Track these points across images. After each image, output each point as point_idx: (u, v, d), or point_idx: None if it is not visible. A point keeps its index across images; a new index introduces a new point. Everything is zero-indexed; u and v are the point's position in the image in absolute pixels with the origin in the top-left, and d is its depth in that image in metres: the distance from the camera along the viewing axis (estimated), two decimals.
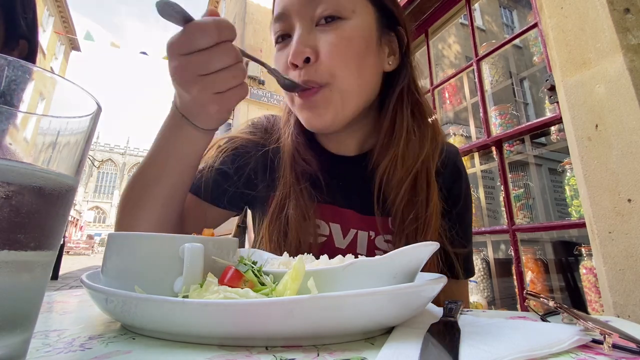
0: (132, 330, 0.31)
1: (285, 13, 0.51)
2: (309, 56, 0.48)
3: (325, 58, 0.48)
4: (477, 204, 2.13)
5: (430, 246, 0.33)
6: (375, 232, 0.56)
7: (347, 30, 0.49)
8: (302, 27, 0.49)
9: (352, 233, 0.56)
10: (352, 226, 0.56)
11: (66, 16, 14.76)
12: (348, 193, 0.58)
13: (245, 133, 0.65)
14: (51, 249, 0.22)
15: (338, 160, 0.61)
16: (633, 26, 1.03)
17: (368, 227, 0.56)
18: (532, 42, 1.83)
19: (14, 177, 0.20)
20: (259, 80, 8.73)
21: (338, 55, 0.48)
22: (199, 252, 0.33)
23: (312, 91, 0.49)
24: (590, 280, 1.39)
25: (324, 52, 0.48)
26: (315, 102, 0.49)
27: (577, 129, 1.13)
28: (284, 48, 0.52)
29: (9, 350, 0.20)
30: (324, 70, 0.48)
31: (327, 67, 0.48)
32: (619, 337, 0.26)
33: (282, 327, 0.27)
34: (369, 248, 0.56)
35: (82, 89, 0.23)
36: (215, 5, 14.75)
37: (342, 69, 0.49)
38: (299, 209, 0.53)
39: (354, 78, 0.50)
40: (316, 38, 0.49)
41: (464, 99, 2.35)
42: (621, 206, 0.99)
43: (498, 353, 0.24)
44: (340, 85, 0.49)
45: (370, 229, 0.56)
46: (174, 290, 0.32)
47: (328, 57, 0.48)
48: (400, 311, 0.30)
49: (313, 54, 0.48)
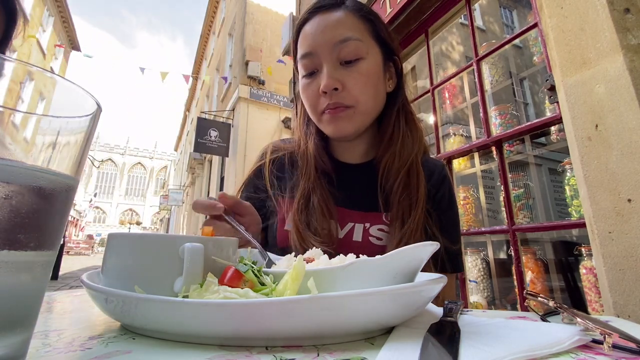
0: (132, 330, 0.31)
1: (314, 52, 0.64)
2: (337, 87, 0.63)
3: (351, 89, 0.63)
4: (477, 204, 2.13)
5: (431, 246, 0.33)
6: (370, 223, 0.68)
7: (365, 68, 0.64)
8: (329, 65, 0.63)
9: (350, 226, 0.68)
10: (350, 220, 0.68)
11: (66, 16, 14.75)
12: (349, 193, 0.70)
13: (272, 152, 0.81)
14: (51, 249, 0.22)
15: (345, 167, 0.74)
16: (633, 26, 1.03)
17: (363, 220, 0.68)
18: (532, 42, 1.83)
19: (14, 177, 0.20)
20: (259, 80, 8.72)
21: (360, 87, 0.63)
22: (199, 252, 0.33)
23: (339, 110, 0.64)
24: (590, 280, 1.40)
25: (350, 85, 0.63)
26: (342, 118, 0.65)
27: (577, 129, 1.13)
28: (312, 81, 0.66)
29: (9, 350, 0.20)
30: (349, 97, 0.64)
31: (353, 96, 0.64)
32: (619, 337, 0.26)
33: (282, 327, 0.27)
34: (364, 237, 0.67)
35: (82, 89, 0.23)
36: (215, 5, 14.75)
37: (363, 97, 0.64)
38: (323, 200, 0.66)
39: (371, 102, 0.66)
40: (341, 74, 0.63)
41: (464, 99, 2.35)
42: (621, 206, 0.99)
43: (498, 353, 0.24)
44: (362, 108, 0.65)
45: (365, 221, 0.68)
46: (174, 290, 0.32)
47: (353, 89, 0.63)
48: (400, 311, 0.30)
49: (340, 85, 0.63)
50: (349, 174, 0.73)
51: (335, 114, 0.64)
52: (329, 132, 0.68)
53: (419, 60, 2.82)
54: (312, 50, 0.64)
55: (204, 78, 10.99)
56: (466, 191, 2.13)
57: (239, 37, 9.61)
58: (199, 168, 13.67)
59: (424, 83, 2.66)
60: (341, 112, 0.64)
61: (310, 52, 0.65)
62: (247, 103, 8.49)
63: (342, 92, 0.63)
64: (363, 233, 0.67)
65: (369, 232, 0.67)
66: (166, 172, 57.17)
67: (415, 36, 2.49)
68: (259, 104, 8.60)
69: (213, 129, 8.27)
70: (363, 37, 0.64)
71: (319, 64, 0.64)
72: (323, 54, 0.63)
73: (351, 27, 0.64)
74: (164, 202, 23.72)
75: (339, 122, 0.65)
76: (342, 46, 0.62)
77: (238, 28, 9.84)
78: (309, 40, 0.65)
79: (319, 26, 0.64)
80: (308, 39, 0.65)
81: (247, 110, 8.42)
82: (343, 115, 0.64)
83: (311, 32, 0.65)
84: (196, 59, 19.07)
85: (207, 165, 12.66)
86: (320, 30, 0.64)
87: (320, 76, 0.64)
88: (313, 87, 0.66)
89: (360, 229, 0.68)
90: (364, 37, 0.65)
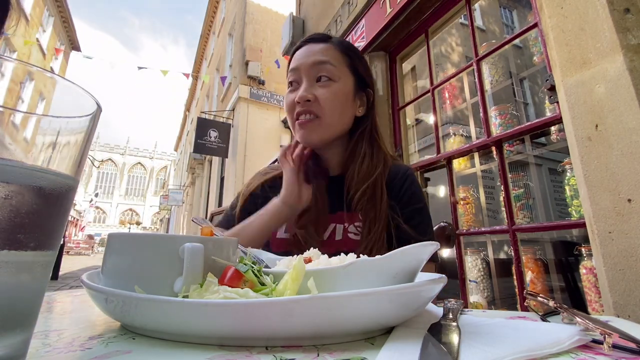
0: (132, 330, 0.31)
1: (298, 68, 0.80)
2: (309, 99, 0.77)
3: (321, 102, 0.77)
4: (477, 204, 2.13)
5: (430, 246, 0.33)
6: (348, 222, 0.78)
7: (335, 88, 0.78)
8: (307, 81, 0.78)
9: (332, 227, 0.79)
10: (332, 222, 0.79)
11: (66, 16, 14.75)
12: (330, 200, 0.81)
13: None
14: (51, 249, 0.22)
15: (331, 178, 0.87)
16: (633, 26, 1.03)
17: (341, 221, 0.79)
18: (532, 42, 1.83)
19: (14, 177, 0.20)
20: (259, 80, 8.72)
21: (328, 102, 0.77)
22: (199, 252, 0.33)
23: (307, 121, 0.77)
24: (590, 280, 1.40)
25: (320, 99, 0.77)
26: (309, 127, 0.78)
27: (577, 129, 1.13)
28: (293, 91, 0.81)
29: (9, 350, 0.20)
30: (318, 108, 0.77)
31: (321, 107, 0.77)
32: (619, 337, 0.26)
33: (282, 327, 0.27)
34: (344, 235, 0.78)
35: (82, 89, 0.23)
36: (215, 5, 14.73)
37: (329, 111, 0.77)
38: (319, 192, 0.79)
39: (336, 117, 0.79)
40: (315, 89, 0.77)
41: (464, 99, 2.35)
42: (621, 206, 0.99)
43: (498, 353, 0.24)
44: (327, 120, 0.78)
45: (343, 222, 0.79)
46: (174, 290, 0.32)
47: (322, 101, 0.77)
48: (400, 311, 0.30)
49: (313, 97, 0.77)
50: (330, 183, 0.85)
51: (305, 123, 0.77)
52: (298, 138, 0.80)
53: (419, 60, 2.82)
54: (296, 66, 0.80)
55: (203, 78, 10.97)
56: (466, 191, 2.13)
57: (239, 37, 9.61)
58: (199, 168, 13.67)
59: (424, 83, 2.66)
60: (309, 122, 0.77)
61: (295, 68, 0.81)
62: (247, 103, 8.49)
63: (314, 103, 0.77)
64: (343, 232, 0.78)
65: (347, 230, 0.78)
66: (166, 172, 57.17)
67: (415, 36, 2.49)
68: (259, 104, 8.60)
69: (213, 129, 8.27)
70: (338, 65, 0.80)
71: (299, 78, 0.80)
72: (304, 70, 0.79)
73: (330, 55, 0.80)
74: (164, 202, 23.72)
75: (306, 130, 0.78)
76: (319, 67, 0.78)
77: (238, 28, 9.83)
78: (297, 59, 0.82)
79: (307, 51, 0.81)
80: (296, 58, 0.82)
81: (247, 110, 8.42)
82: (310, 124, 0.78)
83: (299, 55, 0.82)
84: (196, 59, 19.07)
85: (207, 165, 12.66)
86: (305, 54, 0.81)
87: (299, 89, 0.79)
88: (292, 96, 0.80)
89: (340, 229, 0.79)
90: (339, 65, 0.80)
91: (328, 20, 3.50)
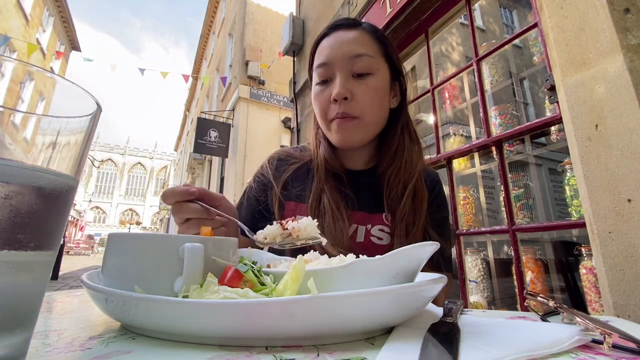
0: (132, 330, 0.31)
1: (329, 63, 0.70)
2: (347, 96, 0.67)
3: (360, 100, 0.68)
4: (477, 204, 2.13)
5: (430, 246, 0.33)
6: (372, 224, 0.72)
7: (374, 83, 0.69)
8: (342, 75, 0.69)
9: (353, 227, 0.72)
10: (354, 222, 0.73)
11: (66, 16, 14.74)
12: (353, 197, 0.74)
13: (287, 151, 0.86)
14: (51, 249, 0.22)
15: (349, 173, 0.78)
16: (633, 26, 1.03)
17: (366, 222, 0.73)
18: (532, 42, 1.83)
19: (14, 177, 0.20)
20: (259, 80, 8.72)
21: (368, 99, 0.68)
22: (199, 252, 0.33)
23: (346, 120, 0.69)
24: (590, 280, 1.39)
25: (359, 97, 0.68)
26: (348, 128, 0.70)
27: (577, 129, 1.13)
28: (325, 89, 0.71)
29: (9, 350, 0.20)
30: (357, 108, 0.68)
31: (360, 106, 0.68)
32: (619, 337, 0.26)
33: (282, 327, 0.27)
34: (366, 236, 0.72)
35: (82, 89, 0.23)
36: (215, 5, 14.74)
37: (369, 109, 0.69)
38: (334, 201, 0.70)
39: (376, 115, 0.71)
40: (352, 85, 0.68)
41: (464, 99, 2.34)
42: (621, 206, 0.99)
43: (498, 353, 0.24)
44: (367, 120, 0.70)
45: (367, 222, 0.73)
46: (174, 290, 0.32)
47: (361, 100, 0.68)
48: (400, 311, 0.30)
49: (350, 95, 0.68)
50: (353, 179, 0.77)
51: (343, 124, 0.69)
52: (335, 141, 0.73)
53: (419, 60, 2.82)
54: (328, 61, 0.70)
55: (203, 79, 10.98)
56: (466, 191, 2.13)
57: (239, 37, 9.61)
58: (199, 168, 13.67)
59: (424, 83, 2.66)
60: (348, 122, 0.69)
61: (326, 63, 0.70)
62: (247, 103, 8.49)
63: (351, 102, 0.68)
64: (365, 234, 0.71)
65: (370, 233, 0.71)
66: (166, 172, 57.16)
67: (415, 36, 2.49)
68: (259, 104, 8.60)
69: (213, 129, 8.27)
70: (375, 55, 0.70)
71: (332, 74, 0.70)
72: (338, 65, 0.69)
73: (365, 45, 0.70)
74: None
75: (346, 132, 0.70)
76: (355, 60, 0.68)
77: (238, 28, 9.83)
78: (326, 52, 0.71)
79: (337, 41, 0.71)
80: (325, 51, 0.72)
81: (247, 110, 8.42)
82: (350, 125, 0.69)
83: (328, 45, 0.71)
84: (196, 59, 19.06)
85: (207, 165, 12.66)
86: (337, 45, 0.70)
87: (332, 85, 0.70)
88: (325, 94, 0.71)
89: (362, 230, 0.72)
90: (376, 55, 0.71)
91: (328, 20, 3.50)
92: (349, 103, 0.68)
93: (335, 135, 0.72)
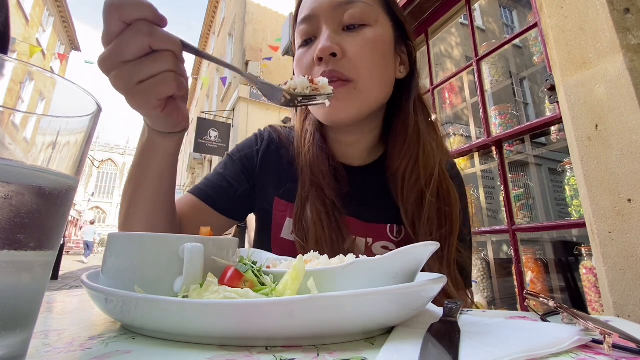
0: (132, 330, 0.31)
1: (313, 15, 0.54)
2: (335, 52, 0.51)
3: (353, 56, 0.52)
4: (477, 204, 2.13)
5: (431, 246, 0.33)
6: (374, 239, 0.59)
7: (372, 35, 0.53)
8: (330, 28, 0.53)
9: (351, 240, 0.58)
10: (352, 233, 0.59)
11: (66, 16, 14.75)
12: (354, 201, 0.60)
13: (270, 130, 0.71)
14: (51, 249, 0.22)
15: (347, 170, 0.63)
16: (633, 26, 1.03)
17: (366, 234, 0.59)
18: (532, 42, 1.83)
19: (14, 177, 0.20)
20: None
21: (364, 55, 0.52)
22: (199, 252, 0.33)
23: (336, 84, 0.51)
24: (590, 280, 1.39)
25: (352, 51, 0.52)
26: (340, 95, 0.51)
27: (577, 129, 1.13)
28: (308, 49, 0.55)
29: (9, 350, 0.20)
30: (350, 67, 0.52)
31: (354, 65, 0.52)
32: (619, 337, 0.26)
33: (282, 327, 0.27)
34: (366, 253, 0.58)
35: (82, 89, 0.23)
36: (215, 5, 14.74)
37: (366, 69, 0.52)
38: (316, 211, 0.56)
39: (376, 79, 0.54)
40: (343, 39, 0.52)
41: (464, 99, 2.34)
42: (621, 206, 0.99)
43: (498, 353, 0.24)
44: (364, 84, 0.53)
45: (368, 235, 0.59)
46: (174, 290, 0.32)
47: (355, 56, 0.52)
48: (400, 311, 0.30)
49: (340, 51, 0.51)
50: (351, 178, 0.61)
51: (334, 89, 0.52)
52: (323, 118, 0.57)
53: (419, 60, 2.82)
54: (311, 13, 0.54)
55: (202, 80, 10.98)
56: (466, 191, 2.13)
57: (239, 37, 9.61)
58: (198, 168, 13.67)
59: (424, 83, 2.66)
60: (338, 87, 0.51)
61: (309, 15, 0.54)
62: (247, 103, 8.49)
63: (342, 60, 0.52)
64: (365, 250, 0.59)
65: (371, 250, 0.59)
66: None
67: (415, 36, 2.49)
68: (259, 104, 8.60)
69: (213, 129, 8.27)
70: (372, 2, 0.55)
71: (318, 29, 0.54)
72: (324, 16, 0.53)
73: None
74: None
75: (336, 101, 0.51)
76: (346, 7, 0.52)
77: (238, 28, 9.83)
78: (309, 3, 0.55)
79: None
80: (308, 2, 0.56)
81: (247, 110, 8.43)
82: (340, 92, 0.51)
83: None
84: (196, 59, 19.06)
85: (207, 165, 12.66)
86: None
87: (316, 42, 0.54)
88: (308, 56, 0.55)
89: (362, 243, 0.59)
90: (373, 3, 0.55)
91: None
92: (338, 61, 0.52)
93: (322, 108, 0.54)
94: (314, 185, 0.59)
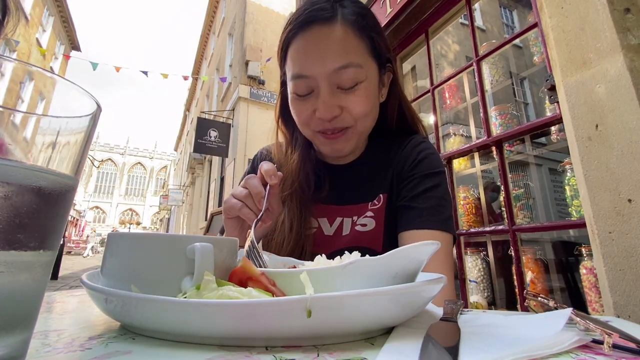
0: (132, 330, 0.31)
1: (310, 76, 0.60)
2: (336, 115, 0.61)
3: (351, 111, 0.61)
4: (477, 204, 2.13)
5: (431, 246, 0.33)
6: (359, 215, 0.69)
7: (364, 88, 0.61)
8: (327, 89, 0.59)
9: (338, 221, 0.69)
10: (339, 215, 0.69)
11: (66, 16, 14.74)
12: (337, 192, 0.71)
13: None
14: (51, 249, 0.22)
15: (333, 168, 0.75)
16: (633, 26, 1.03)
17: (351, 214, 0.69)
18: (532, 42, 1.83)
19: (14, 177, 0.20)
20: (259, 80, 8.72)
21: (360, 109, 0.61)
22: (209, 252, 0.33)
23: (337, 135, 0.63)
24: (590, 280, 1.39)
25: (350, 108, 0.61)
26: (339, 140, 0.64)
27: (577, 129, 1.13)
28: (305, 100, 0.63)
29: (9, 350, 0.20)
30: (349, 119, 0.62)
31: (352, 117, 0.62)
32: (619, 337, 0.26)
33: (282, 327, 0.27)
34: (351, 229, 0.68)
35: (82, 89, 0.23)
36: (215, 5, 14.72)
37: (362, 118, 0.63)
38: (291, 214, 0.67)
39: (369, 117, 0.65)
40: (340, 99, 0.60)
41: (464, 99, 2.34)
42: (621, 206, 0.99)
43: (498, 353, 0.24)
44: (360, 127, 0.64)
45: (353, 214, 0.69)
46: (182, 290, 0.32)
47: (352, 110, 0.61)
48: (400, 311, 0.30)
49: (339, 110, 0.61)
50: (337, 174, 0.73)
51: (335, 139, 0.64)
52: (324, 152, 0.70)
53: (419, 60, 2.82)
54: (307, 74, 0.59)
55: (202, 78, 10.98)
56: (466, 191, 2.13)
57: (239, 37, 9.61)
58: (199, 168, 13.67)
59: (424, 83, 2.66)
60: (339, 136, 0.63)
61: (305, 75, 0.60)
62: (247, 103, 8.49)
63: (341, 114, 0.61)
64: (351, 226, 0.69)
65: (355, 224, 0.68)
66: (166, 172, 57.19)
67: (415, 36, 2.49)
68: (259, 104, 8.60)
69: (213, 129, 8.28)
70: (363, 59, 0.60)
71: (314, 87, 0.60)
72: (320, 79, 0.59)
73: (349, 49, 0.59)
74: (164, 202, 23.75)
75: (336, 144, 0.64)
76: (341, 73, 0.58)
77: (238, 28, 9.83)
78: (303, 61, 0.60)
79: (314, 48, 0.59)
80: (301, 59, 0.60)
81: (247, 110, 8.42)
82: (340, 135, 0.63)
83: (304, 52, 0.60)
84: (196, 59, 19.07)
85: (207, 165, 12.66)
86: (315, 54, 0.58)
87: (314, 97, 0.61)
88: (307, 106, 0.62)
89: (348, 222, 0.69)
90: (364, 59, 0.61)
91: None
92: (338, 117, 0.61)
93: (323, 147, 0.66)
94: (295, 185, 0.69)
